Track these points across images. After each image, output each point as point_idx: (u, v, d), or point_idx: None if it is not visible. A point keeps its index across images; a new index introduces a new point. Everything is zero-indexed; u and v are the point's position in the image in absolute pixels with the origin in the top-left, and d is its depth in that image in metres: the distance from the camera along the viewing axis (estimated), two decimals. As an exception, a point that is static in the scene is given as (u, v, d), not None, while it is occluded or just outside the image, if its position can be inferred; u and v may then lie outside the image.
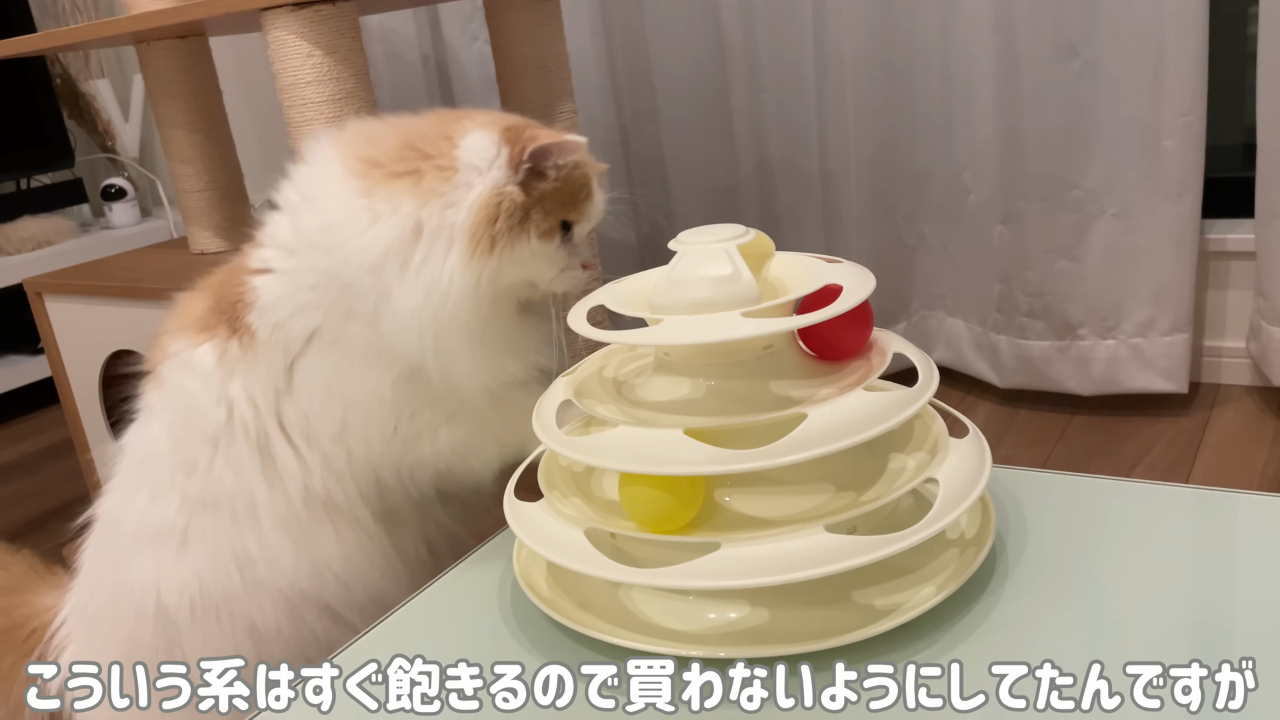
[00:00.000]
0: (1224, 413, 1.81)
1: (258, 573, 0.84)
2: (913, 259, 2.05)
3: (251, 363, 0.83)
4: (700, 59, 2.15)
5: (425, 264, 0.78)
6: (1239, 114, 1.96)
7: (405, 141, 0.81)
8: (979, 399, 2.00)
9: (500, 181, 0.79)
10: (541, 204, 0.81)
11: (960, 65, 1.84)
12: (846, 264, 0.73)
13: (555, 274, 0.84)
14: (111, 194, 2.87)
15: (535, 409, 0.74)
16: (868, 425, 0.64)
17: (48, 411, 2.65)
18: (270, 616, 0.85)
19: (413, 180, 0.79)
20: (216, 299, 0.86)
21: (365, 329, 0.81)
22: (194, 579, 0.84)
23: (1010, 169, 1.85)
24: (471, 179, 0.79)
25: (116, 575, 0.88)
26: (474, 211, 0.78)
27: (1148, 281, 1.79)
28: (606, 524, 0.68)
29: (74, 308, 1.70)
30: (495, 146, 0.80)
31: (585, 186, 0.84)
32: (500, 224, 0.79)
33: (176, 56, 1.64)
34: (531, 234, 0.80)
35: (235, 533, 0.84)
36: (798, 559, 0.62)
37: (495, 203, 0.78)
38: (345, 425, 0.83)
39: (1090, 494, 0.78)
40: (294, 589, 0.85)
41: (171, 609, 0.85)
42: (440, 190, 0.78)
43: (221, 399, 0.84)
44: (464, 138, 0.80)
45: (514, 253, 0.80)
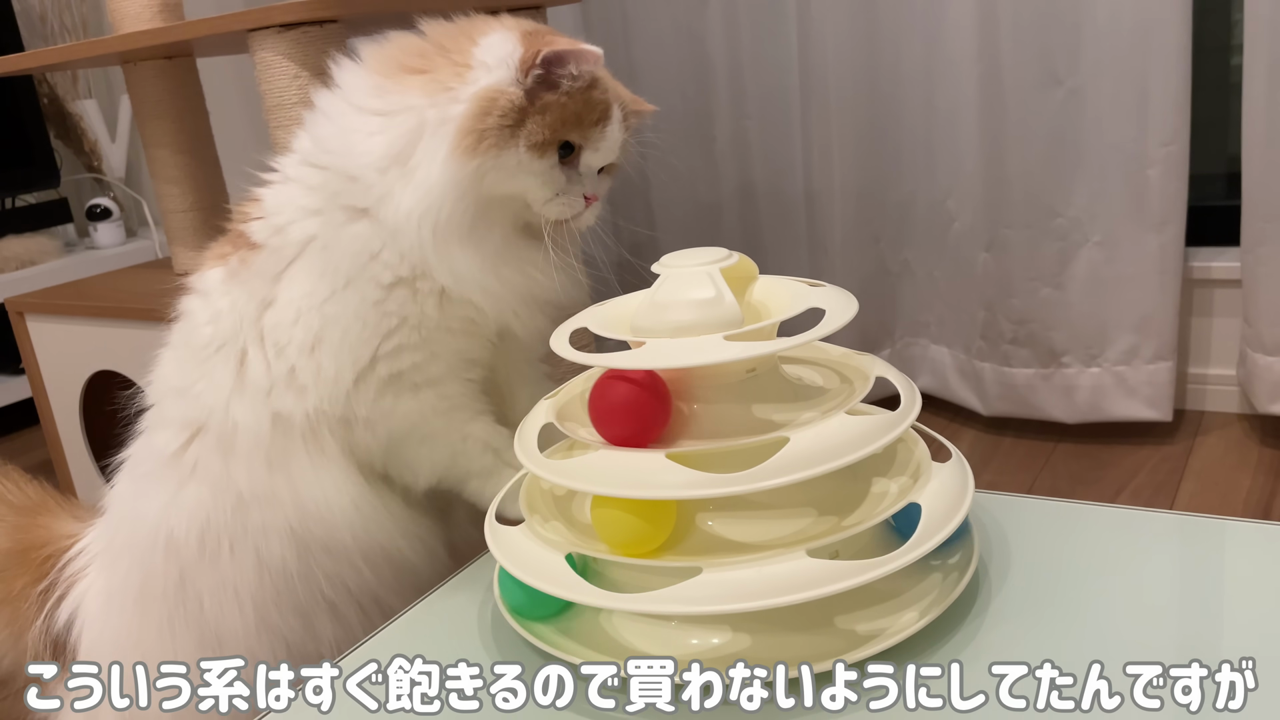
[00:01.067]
0: (1208, 440, 1.82)
1: (254, 510, 0.82)
2: (897, 286, 2.06)
3: (247, 274, 0.82)
4: (685, 85, 2.16)
5: (423, 159, 0.77)
6: (1222, 144, 1.98)
7: (431, 41, 0.80)
8: (963, 426, 2.01)
9: (505, 80, 0.76)
10: (543, 114, 0.77)
11: (945, 93, 1.86)
12: (829, 288, 0.73)
13: (549, 196, 0.80)
14: (97, 214, 2.86)
15: (518, 431, 0.74)
16: (850, 449, 0.64)
17: (28, 432, 2.63)
18: (278, 555, 0.82)
19: (426, 77, 0.78)
20: (234, 223, 0.86)
21: (364, 228, 0.79)
22: (200, 512, 0.83)
23: (994, 197, 1.86)
24: (480, 75, 0.77)
25: (134, 510, 0.87)
26: (469, 104, 0.76)
27: (1132, 309, 1.80)
28: (587, 548, 0.67)
29: (56, 328, 1.69)
30: (511, 46, 0.77)
31: (598, 110, 0.80)
32: (491, 120, 0.75)
33: (163, 77, 1.64)
34: (521, 142, 0.77)
35: (224, 463, 0.82)
36: (780, 584, 0.61)
37: (491, 98, 0.76)
38: (320, 339, 0.80)
39: (1074, 519, 0.78)
40: (294, 528, 0.82)
41: (179, 542, 0.83)
42: (450, 85, 0.77)
43: (213, 316, 0.83)
44: (485, 36, 0.79)
45: (499, 157, 0.76)
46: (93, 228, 2.87)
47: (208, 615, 0.84)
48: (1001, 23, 1.75)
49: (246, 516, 0.82)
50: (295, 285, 0.80)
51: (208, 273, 0.85)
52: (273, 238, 0.81)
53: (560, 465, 0.68)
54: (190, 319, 0.86)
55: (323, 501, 0.83)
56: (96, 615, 0.90)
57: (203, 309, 0.84)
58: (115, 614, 0.88)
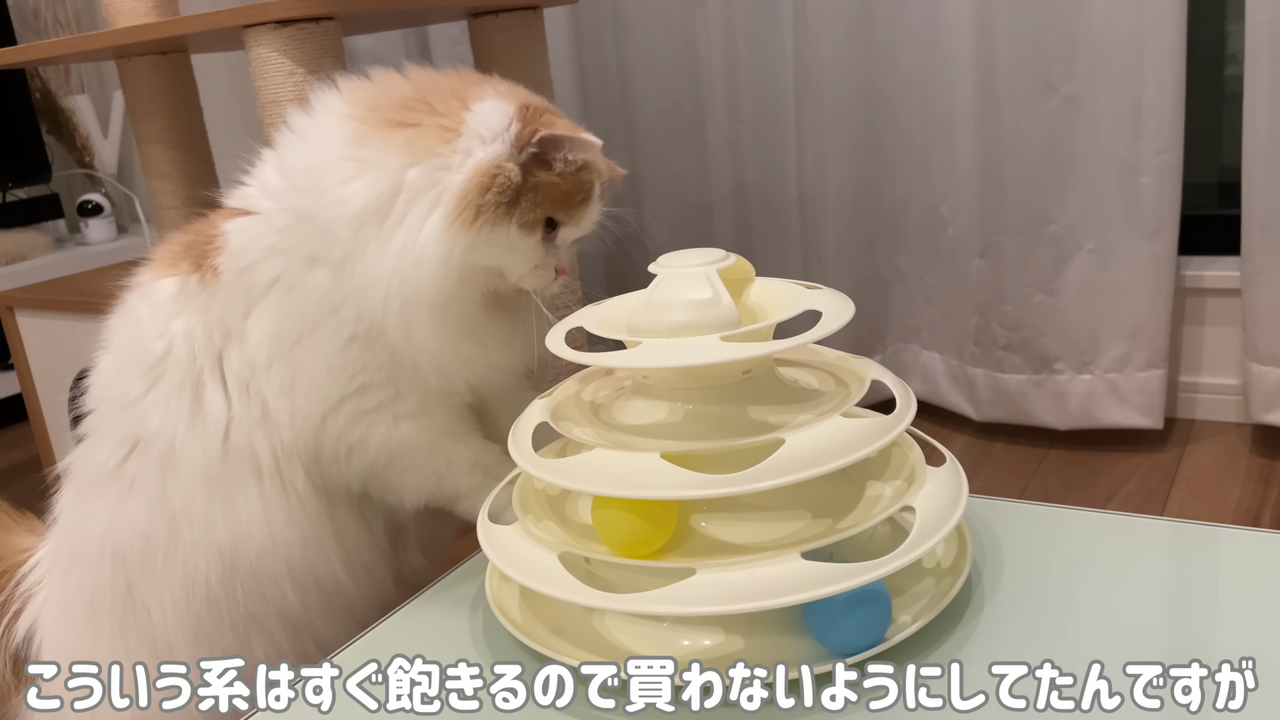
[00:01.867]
0: (1199, 448, 1.82)
1: (185, 530, 0.82)
2: (890, 291, 2.06)
3: (207, 301, 0.81)
4: (678, 89, 2.16)
5: (403, 223, 0.75)
6: (1216, 153, 1.98)
7: (417, 94, 0.78)
8: (955, 432, 2.01)
9: (502, 155, 0.75)
10: (535, 193, 0.77)
11: (940, 99, 1.86)
12: (826, 290, 0.73)
13: (528, 269, 0.80)
14: (88, 210, 2.85)
15: (512, 431, 0.74)
16: (845, 451, 0.63)
17: (17, 428, 2.62)
18: (201, 571, 0.82)
19: (410, 134, 0.76)
20: (194, 238, 0.85)
21: (326, 279, 0.78)
22: (140, 525, 0.82)
23: (988, 203, 1.86)
24: (473, 145, 0.75)
25: (79, 523, 0.87)
26: (469, 175, 0.75)
27: (1124, 317, 1.80)
28: (581, 548, 0.67)
29: (45, 323, 1.69)
30: (508, 119, 0.76)
31: (584, 191, 0.80)
32: (490, 196, 0.75)
33: (157, 73, 1.64)
34: (514, 220, 0.76)
35: (161, 481, 0.82)
36: (774, 586, 0.61)
37: (492, 174, 0.75)
38: (292, 381, 0.80)
39: (1066, 525, 0.78)
40: (222, 549, 0.82)
41: (123, 552, 0.83)
42: (437, 150, 0.75)
43: (164, 333, 0.82)
44: (478, 102, 0.77)
45: (492, 233, 0.76)
46: (84, 224, 2.86)
47: (155, 625, 0.84)
48: (997, 29, 1.76)
49: (178, 534, 0.82)
50: (264, 326, 0.80)
51: (159, 281, 0.84)
52: (239, 278, 0.80)
53: (555, 465, 0.68)
54: (137, 327, 0.84)
55: (264, 530, 0.82)
56: (52, 629, 0.89)
57: (152, 321, 0.83)
58: (69, 626, 0.88)
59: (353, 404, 0.81)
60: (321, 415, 0.81)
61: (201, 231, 0.85)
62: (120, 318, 0.86)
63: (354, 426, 0.81)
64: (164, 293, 0.83)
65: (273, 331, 0.79)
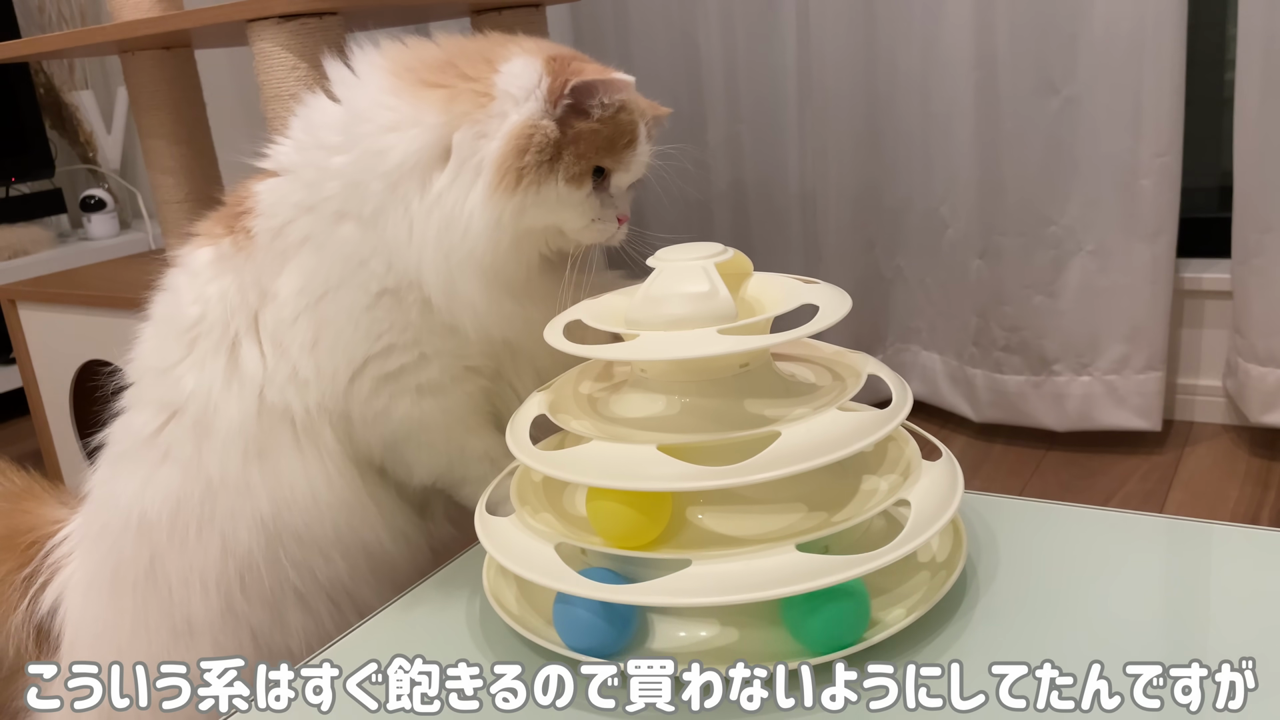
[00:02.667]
0: (1197, 450, 1.83)
1: (223, 497, 0.82)
2: (890, 292, 2.06)
3: (242, 263, 0.81)
4: (678, 88, 2.16)
5: (448, 193, 0.74)
6: (1214, 157, 1.99)
7: (447, 58, 0.78)
8: (954, 433, 2.01)
9: (536, 113, 0.74)
10: (576, 144, 0.76)
11: (940, 100, 1.87)
12: (823, 285, 0.73)
13: (585, 223, 0.78)
14: (91, 205, 2.85)
15: (510, 423, 0.74)
16: (841, 445, 0.64)
17: (18, 422, 2.62)
18: (244, 542, 0.82)
19: (445, 94, 0.75)
20: (229, 207, 0.85)
21: (354, 233, 0.77)
22: (173, 494, 0.82)
23: (988, 204, 1.86)
24: (507, 108, 0.74)
25: (110, 491, 0.87)
26: (504, 141, 0.73)
27: (1123, 319, 1.80)
28: (578, 540, 0.68)
29: (47, 316, 1.69)
30: (536, 75, 0.75)
31: (628, 133, 0.78)
32: (529, 158, 0.73)
33: (161, 67, 1.64)
34: (560, 176, 0.75)
35: (197, 445, 0.82)
36: (769, 577, 0.61)
37: (528, 134, 0.74)
38: (318, 338, 0.79)
39: (1063, 521, 0.78)
40: (265, 518, 0.82)
41: (151, 522, 0.83)
42: (474, 116, 0.74)
43: (200, 298, 0.82)
44: (505, 63, 0.76)
45: (539, 193, 0.75)
46: (86, 219, 2.86)
47: (176, 601, 0.84)
48: (998, 30, 1.76)
49: (215, 502, 0.82)
50: (293, 283, 0.80)
51: (196, 251, 0.85)
52: (273, 240, 0.80)
53: (551, 457, 0.68)
54: (175, 295, 0.85)
55: (307, 493, 0.82)
56: (77, 603, 0.89)
57: (188, 287, 0.83)
58: (93, 601, 0.88)
59: (376, 366, 0.80)
60: (348, 377, 0.80)
61: (235, 201, 0.85)
62: (162, 292, 0.87)
63: (378, 393, 0.81)
64: (200, 260, 0.84)
65: (300, 287, 0.79)
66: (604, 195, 0.79)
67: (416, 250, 0.76)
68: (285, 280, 0.80)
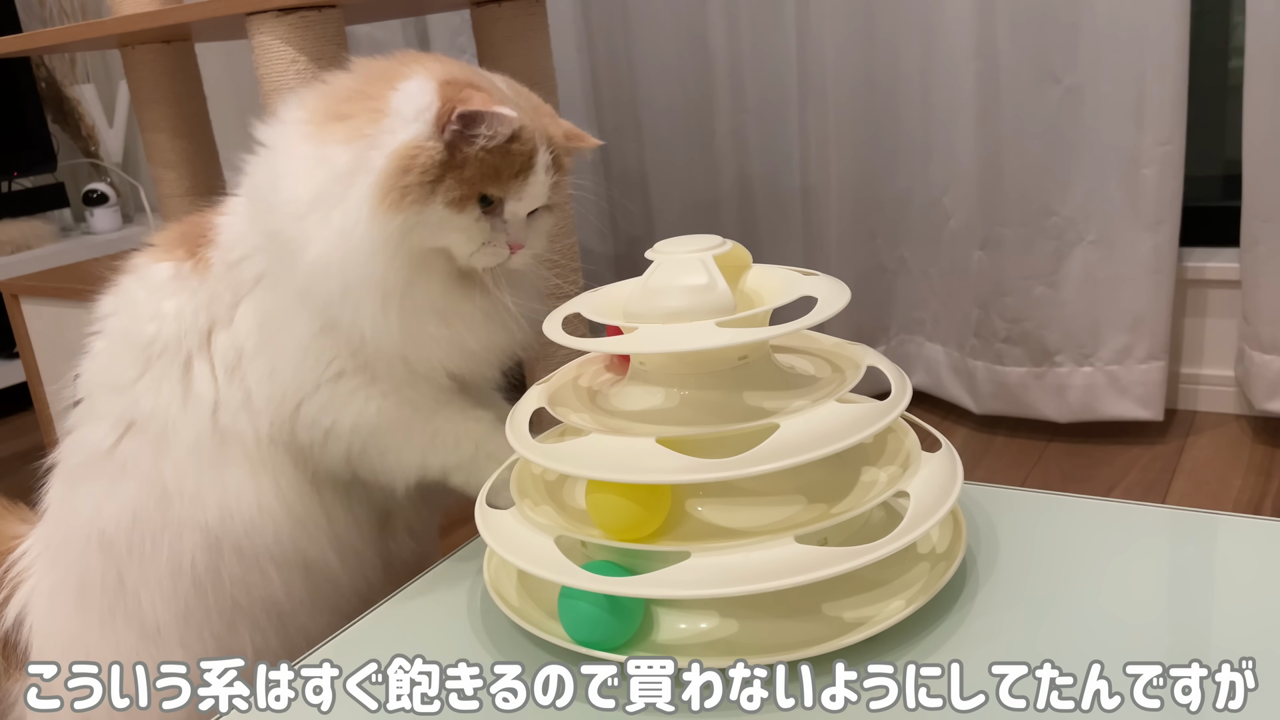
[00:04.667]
0: (1200, 440, 1.82)
1: (176, 504, 0.83)
2: (892, 283, 2.06)
3: (196, 288, 0.83)
4: (685, 78, 2.16)
5: (339, 205, 0.75)
6: (1217, 146, 1.98)
7: (358, 85, 0.79)
8: (956, 424, 2.01)
9: (423, 135, 0.74)
10: (461, 169, 0.75)
11: (942, 91, 1.86)
12: (822, 277, 0.73)
13: (474, 248, 0.78)
14: (93, 199, 2.86)
15: (510, 416, 0.74)
16: (840, 436, 0.64)
17: (21, 416, 2.63)
18: (188, 552, 0.83)
19: (347, 125, 0.76)
20: (190, 228, 0.87)
21: (295, 273, 0.78)
22: (129, 508, 0.83)
23: (990, 195, 1.86)
24: (397, 125, 0.75)
25: (68, 509, 0.88)
26: (388, 159, 0.74)
27: (1125, 309, 1.80)
28: (578, 532, 0.68)
29: (49, 310, 1.69)
30: (429, 97, 0.75)
31: (519, 162, 0.77)
32: (412, 178, 0.74)
33: (161, 61, 1.64)
34: (440, 199, 0.75)
35: (155, 459, 0.83)
36: (768, 569, 0.61)
37: (412, 154, 0.74)
38: (274, 370, 0.81)
39: (1063, 512, 0.79)
40: (210, 526, 0.83)
41: (110, 538, 0.84)
42: (367, 132, 0.75)
43: (156, 314, 0.83)
44: (404, 81, 0.76)
45: (422, 214, 0.75)
46: (89, 213, 2.87)
47: (144, 607, 0.84)
48: (999, 20, 1.76)
49: (168, 511, 0.83)
50: (251, 318, 0.82)
51: (155, 265, 0.85)
52: (228, 272, 0.83)
53: (551, 450, 0.68)
54: (132, 310, 0.85)
55: (253, 503, 0.83)
56: (42, 615, 0.90)
57: (146, 302, 0.84)
58: (58, 613, 0.89)
59: (328, 390, 0.82)
60: (296, 402, 0.82)
61: (197, 222, 0.87)
62: (113, 300, 0.88)
63: (326, 411, 0.82)
64: (159, 275, 0.85)
65: (259, 323, 0.82)
66: (496, 220, 0.79)
67: (321, 273, 0.76)
68: (244, 314, 0.82)
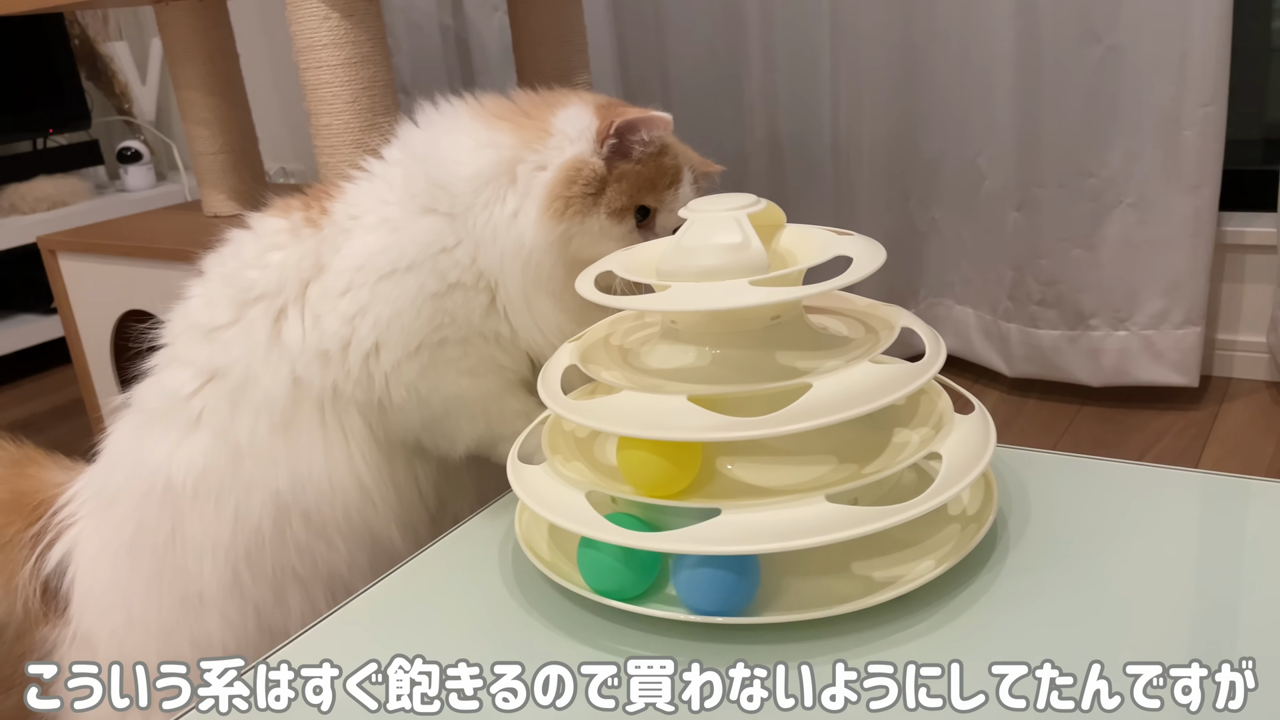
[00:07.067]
0: (1234, 407, 1.81)
1: (249, 464, 0.84)
2: (924, 245, 2.04)
3: (309, 235, 0.86)
4: (714, 34, 2.14)
5: (519, 215, 0.82)
6: (1259, 109, 1.94)
7: (515, 105, 0.88)
8: (987, 387, 2.00)
9: (586, 151, 0.83)
10: (620, 182, 0.83)
11: (980, 49, 1.83)
12: (857, 236, 0.73)
13: None
14: (127, 157, 2.87)
15: (541, 373, 0.74)
16: (872, 397, 0.64)
17: (59, 371, 2.66)
18: (255, 513, 0.84)
19: (513, 126, 0.85)
20: (313, 192, 0.91)
21: (442, 224, 0.83)
22: (200, 458, 0.84)
23: (1027, 156, 1.84)
24: (563, 144, 0.83)
25: (136, 453, 0.88)
26: (556, 172, 0.82)
27: (1162, 273, 1.78)
28: (608, 488, 0.68)
29: (87, 266, 1.71)
30: (588, 119, 0.84)
31: (670, 174, 0.86)
32: (575, 189, 0.81)
33: (195, 18, 1.64)
34: (602, 210, 0.82)
35: (231, 413, 0.84)
36: (798, 527, 0.62)
37: (576, 168, 0.82)
38: (364, 312, 0.83)
39: (1095, 476, 0.78)
40: (281, 492, 0.84)
41: (177, 488, 0.85)
42: (535, 147, 0.83)
43: (261, 263, 0.86)
44: (563, 108, 0.85)
45: (584, 223, 0.82)
46: (123, 170, 2.88)
47: (190, 570, 0.85)
48: (1040, -23, 1.72)
49: (239, 469, 0.84)
50: (352, 257, 0.84)
51: (268, 218, 0.88)
52: (347, 219, 0.86)
53: (583, 406, 0.68)
54: (237, 256, 0.87)
55: (324, 474, 0.85)
56: (89, 563, 0.90)
57: (252, 248, 0.87)
58: (106, 564, 0.89)
59: (427, 354, 0.85)
60: (397, 359, 0.84)
61: (322, 189, 0.91)
62: (223, 251, 0.90)
63: (425, 376, 0.85)
64: (270, 227, 0.88)
65: (359, 263, 0.83)
66: (648, 234, 0.85)
67: (499, 253, 0.83)
68: (345, 253, 0.84)
